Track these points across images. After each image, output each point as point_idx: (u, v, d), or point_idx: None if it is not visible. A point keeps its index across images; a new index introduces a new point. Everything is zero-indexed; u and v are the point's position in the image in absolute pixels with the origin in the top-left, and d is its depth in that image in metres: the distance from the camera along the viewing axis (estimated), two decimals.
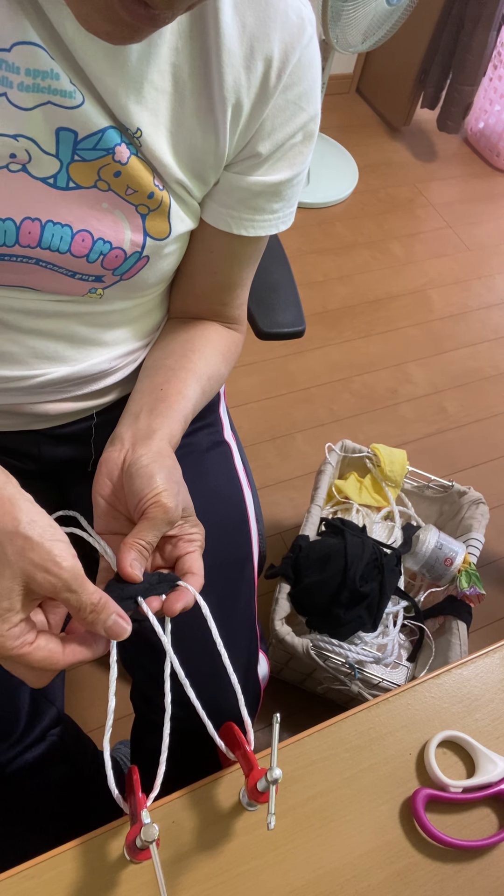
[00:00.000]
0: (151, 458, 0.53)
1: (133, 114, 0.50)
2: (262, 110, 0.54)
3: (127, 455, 0.55)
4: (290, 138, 0.57)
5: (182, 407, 0.61)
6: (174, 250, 0.61)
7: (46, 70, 0.47)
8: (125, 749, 1.11)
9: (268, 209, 0.61)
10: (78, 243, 0.54)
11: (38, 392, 0.65)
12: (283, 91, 0.54)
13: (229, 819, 0.54)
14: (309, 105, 0.57)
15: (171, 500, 0.51)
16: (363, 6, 1.70)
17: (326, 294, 2.01)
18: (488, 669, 0.65)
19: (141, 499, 0.51)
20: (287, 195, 0.61)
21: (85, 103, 0.49)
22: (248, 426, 1.68)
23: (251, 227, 0.61)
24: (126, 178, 0.53)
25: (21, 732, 0.67)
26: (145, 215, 0.56)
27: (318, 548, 1.15)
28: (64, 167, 0.51)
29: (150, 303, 0.67)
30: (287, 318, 0.91)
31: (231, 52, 0.51)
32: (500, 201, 2.46)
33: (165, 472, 0.52)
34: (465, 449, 1.75)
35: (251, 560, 0.76)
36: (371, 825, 0.56)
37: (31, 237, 0.52)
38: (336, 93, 2.67)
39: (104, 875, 0.50)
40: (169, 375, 0.63)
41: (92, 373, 0.66)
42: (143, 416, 0.59)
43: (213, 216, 0.61)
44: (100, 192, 0.53)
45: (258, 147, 0.56)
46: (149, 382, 0.63)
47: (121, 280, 0.59)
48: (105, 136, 0.50)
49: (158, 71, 0.50)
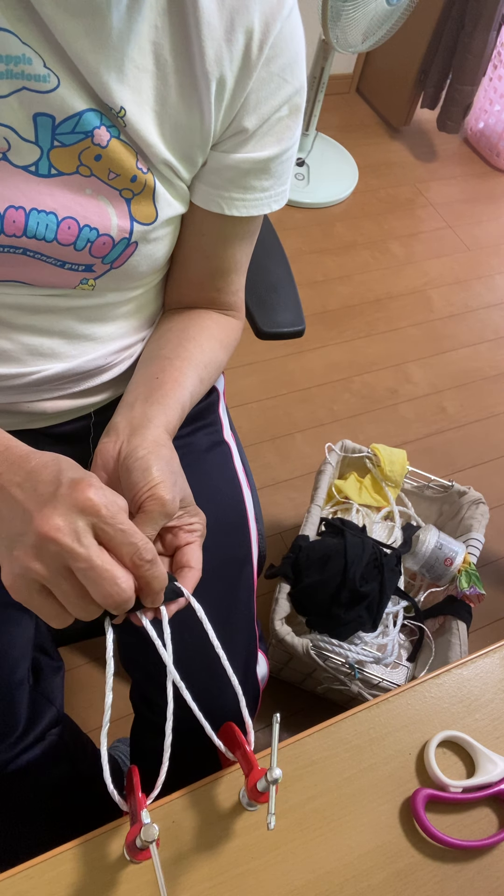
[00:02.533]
0: (147, 448, 0.52)
1: (116, 92, 0.50)
2: (246, 84, 0.54)
3: (122, 446, 0.54)
4: (276, 111, 0.57)
5: (179, 395, 0.60)
6: (163, 235, 0.60)
7: (18, 55, 0.47)
8: (123, 747, 1.10)
9: (258, 187, 0.61)
10: (64, 231, 0.54)
11: (35, 390, 0.65)
12: (265, 63, 0.54)
13: (229, 819, 0.54)
14: (293, 77, 0.56)
15: (167, 492, 0.49)
16: (363, 6, 1.70)
17: (326, 294, 2.01)
18: (488, 669, 0.65)
19: (137, 491, 0.50)
20: (277, 171, 0.61)
21: (60, 86, 0.48)
22: (248, 426, 1.68)
23: (242, 207, 0.61)
24: (107, 161, 0.53)
25: (21, 732, 0.67)
26: (130, 199, 0.55)
27: (318, 548, 1.15)
28: (44, 154, 0.51)
29: (143, 296, 0.67)
30: (287, 318, 0.91)
31: (211, 25, 0.51)
32: (500, 201, 2.46)
33: (162, 463, 0.51)
34: (465, 449, 1.75)
35: (251, 560, 0.76)
36: (371, 825, 0.56)
37: (15, 226, 0.52)
38: (336, 93, 2.67)
39: (104, 875, 0.50)
40: (165, 365, 0.62)
41: (88, 369, 0.66)
42: (138, 405, 0.58)
43: (203, 198, 0.60)
44: (82, 178, 0.53)
45: (244, 122, 0.56)
46: (144, 372, 0.62)
47: (111, 269, 0.58)
48: (83, 119, 0.50)
49: (139, 49, 0.50)
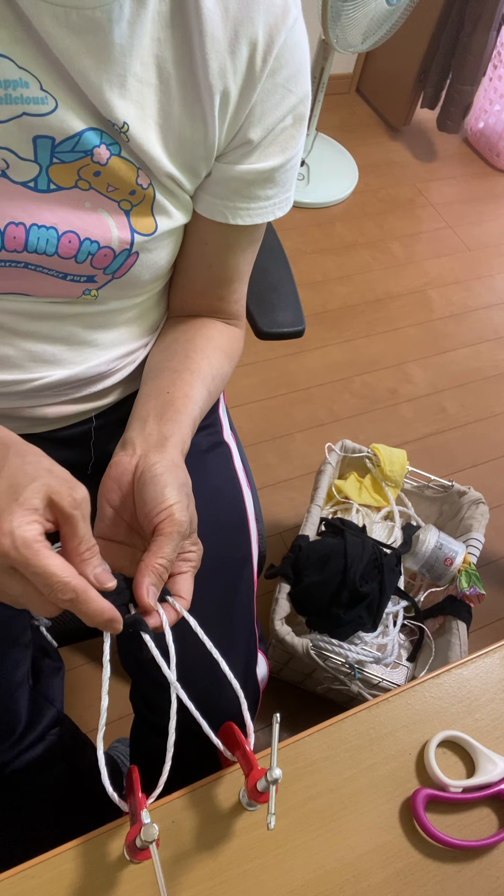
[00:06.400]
0: (165, 467, 0.53)
1: (118, 108, 0.50)
2: (251, 96, 0.54)
3: (139, 462, 0.54)
4: (281, 122, 0.57)
5: (190, 410, 0.60)
6: (165, 245, 0.60)
7: (15, 79, 0.46)
8: (122, 748, 1.10)
9: (262, 196, 0.60)
10: (65, 245, 0.54)
11: (36, 396, 0.65)
12: (270, 75, 0.54)
13: (229, 819, 0.54)
14: (297, 87, 0.56)
15: (183, 515, 0.50)
16: (363, 6, 1.70)
17: (326, 294, 2.01)
18: (488, 669, 0.65)
19: (152, 509, 0.50)
20: (281, 180, 0.61)
21: (58, 108, 0.48)
22: (248, 426, 1.68)
23: (246, 216, 0.61)
24: (106, 177, 0.53)
25: (21, 732, 0.67)
26: (129, 211, 0.55)
27: (318, 548, 1.15)
28: (43, 170, 0.51)
29: (146, 303, 0.67)
30: (287, 318, 0.91)
31: (215, 38, 0.50)
32: (500, 201, 2.46)
33: (178, 485, 0.52)
34: (465, 449, 1.75)
35: (251, 560, 0.76)
36: (371, 825, 0.56)
37: (16, 242, 0.52)
38: (336, 93, 2.67)
39: (104, 875, 0.50)
40: (174, 378, 0.62)
41: (90, 375, 0.66)
42: (151, 422, 0.58)
43: (207, 208, 0.60)
44: (81, 192, 0.53)
45: (249, 134, 0.56)
46: (153, 385, 0.62)
47: (113, 279, 0.58)
48: (83, 139, 0.50)
49: (142, 63, 0.50)
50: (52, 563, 0.42)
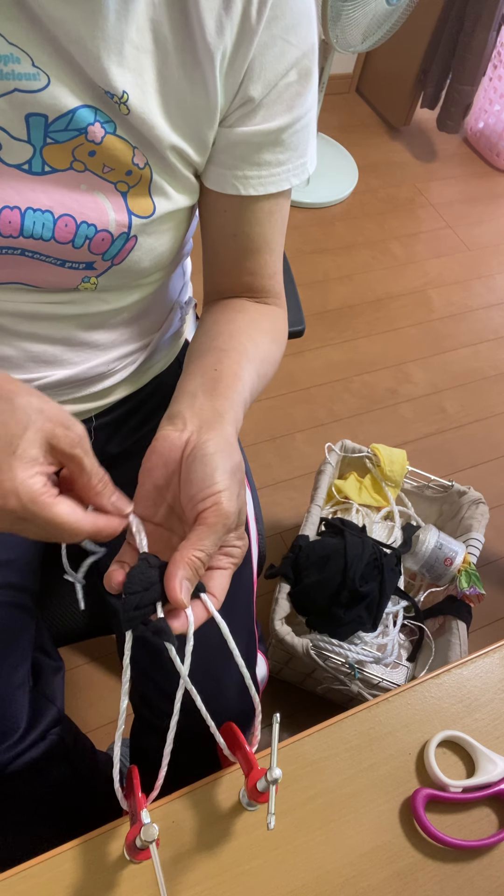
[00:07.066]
0: (218, 446, 0.47)
1: (117, 77, 0.49)
2: (248, 49, 0.52)
3: (191, 437, 0.48)
4: (283, 77, 0.54)
5: (240, 388, 0.55)
6: (165, 231, 0.59)
7: (7, 54, 0.46)
8: (123, 748, 1.10)
9: (273, 161, 0.57)
10: (61, 229, 0.53)
11: None
12: (266, 26, 0.52)
13: (229, 819, 0.54)
14: (299, 39, 0.54)
15: (231, 504, 0.45)
16: (363, 6, 1.70)
17: (326, 294, 2.01)
18: (488, 669, 0.65)
19: (197, 492, 0.45)
20: (292, 143, 0.58)
21: (51, 84, 0.47)
22: (248, 426, 1.68)
23: (259, 185, 0.58)
24: (102, 157, 0.51)
25: (22, 733, 0.67)
26: (125, 193, 0.54)
27: (317, 548, 1.15)
28: (37, 151, 0.50)
29: (146, 300, 0.66)
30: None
31: None
32: (500, 201, 2.46)
33: (230, 469, 0.47)
34: (465, 449, 1.75)
35: (250, 560, 0.76)
36: (371, 825, 0.56)
37: (11, 227, 0.51)
38: (336, 93, 2.67)
39: (104, 875, 0.50)
40: (221, 356, 0.57)
41: (90, 375, 0.65)
42: (201, 396, 0.52)
43: (217, 181, 0.58)
44: (77, 174, 0.52)
45: (249, 90, 0.54)
46: (199, 364, 0.57)
47: (112, 265, 0.57)
48: (76, 116, 0.49)
49: (137, 29, 0.49)
50: (60, 511, 0.42)
